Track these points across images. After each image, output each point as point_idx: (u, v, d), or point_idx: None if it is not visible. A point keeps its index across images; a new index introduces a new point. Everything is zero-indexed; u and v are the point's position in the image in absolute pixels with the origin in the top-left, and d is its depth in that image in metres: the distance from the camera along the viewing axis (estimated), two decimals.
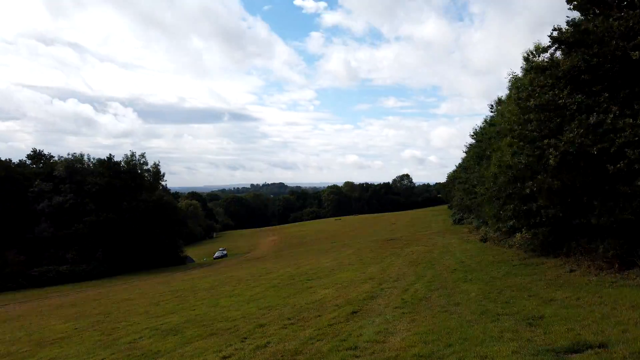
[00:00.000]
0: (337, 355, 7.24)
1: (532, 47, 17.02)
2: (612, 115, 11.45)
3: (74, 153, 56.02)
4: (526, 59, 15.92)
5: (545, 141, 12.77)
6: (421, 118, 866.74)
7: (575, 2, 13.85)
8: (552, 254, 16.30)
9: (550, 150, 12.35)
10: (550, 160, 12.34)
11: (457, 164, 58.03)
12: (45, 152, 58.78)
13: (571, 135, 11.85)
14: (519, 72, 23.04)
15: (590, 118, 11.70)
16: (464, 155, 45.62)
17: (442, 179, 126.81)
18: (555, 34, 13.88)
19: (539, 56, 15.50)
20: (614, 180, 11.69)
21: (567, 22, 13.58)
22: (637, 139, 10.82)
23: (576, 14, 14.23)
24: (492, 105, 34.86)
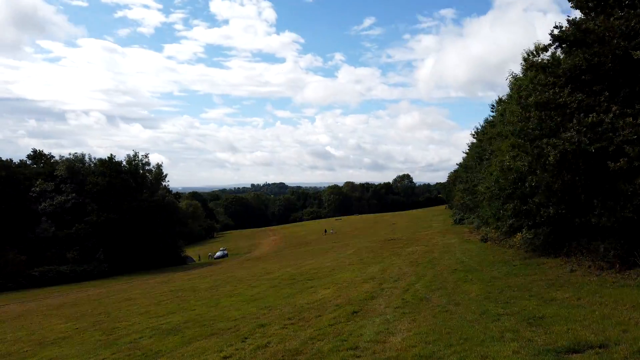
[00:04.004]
0: (338, 355, 7.24)
1: (532, 47, 17.00)
2: (611, 115, 11.43)
3: (75, 153, 56.21)
4: (526, 59, 15.89)
5: (544, 140, 12.76)
6: None
7: (576, 1, 13.82)
8: (553, 254, 16.28)
9: (549, 149, 12.35)
10: (550, 158, 12.33)
11: (458, 164, 58.08)
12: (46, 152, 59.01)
13: (569, 134, 11.85)
14: (519, 72, 23.06)
15: (588, 117, 11.69)
16: (464, 155, 45.75)
17: None
18: (556, 32, 13.83)
19: (538, 56, 15.48)
20: (614, 179, 11.68)
21: (568, 21, 13.55)
22: (636, 137, 10.81)
23: (577, 13, 14.21)
24: (493, 105, 34.96)
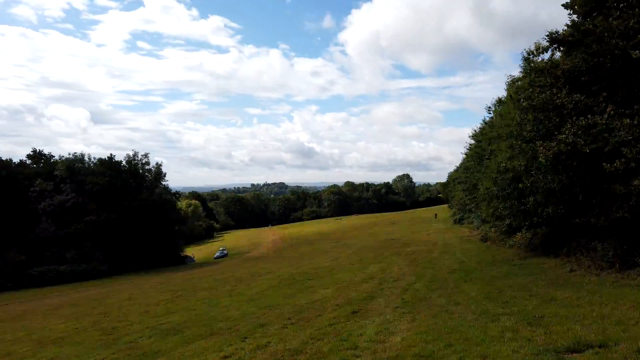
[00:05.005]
0: (338, 355, 7.24)
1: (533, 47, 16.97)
2: (606, 116, 11.44)
3: (75, 152, 56.18)
4: (526, 59, 15.91)
5: (538, 143, 12.79)
6: None
7: (575, 7, 13.84)
8: (553, 253, 16.29)
9: (542, 150, 12.37)
10: (541, 159, 12.36)
11: (457, 164, 58.09)
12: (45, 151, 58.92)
13: (563, 136, 11.86)
14: (517, 73, 23.03)
15: (581, 120, 11.69)
16: (464, 155, 45.74)
17: None
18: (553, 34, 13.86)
19: (539, 56, 15.48)
20: (611, 180, 11.68)
21: (567, 25, 13.59)
22: (631, 138, 10.81)
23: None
24: (489, 107, 34.93)
